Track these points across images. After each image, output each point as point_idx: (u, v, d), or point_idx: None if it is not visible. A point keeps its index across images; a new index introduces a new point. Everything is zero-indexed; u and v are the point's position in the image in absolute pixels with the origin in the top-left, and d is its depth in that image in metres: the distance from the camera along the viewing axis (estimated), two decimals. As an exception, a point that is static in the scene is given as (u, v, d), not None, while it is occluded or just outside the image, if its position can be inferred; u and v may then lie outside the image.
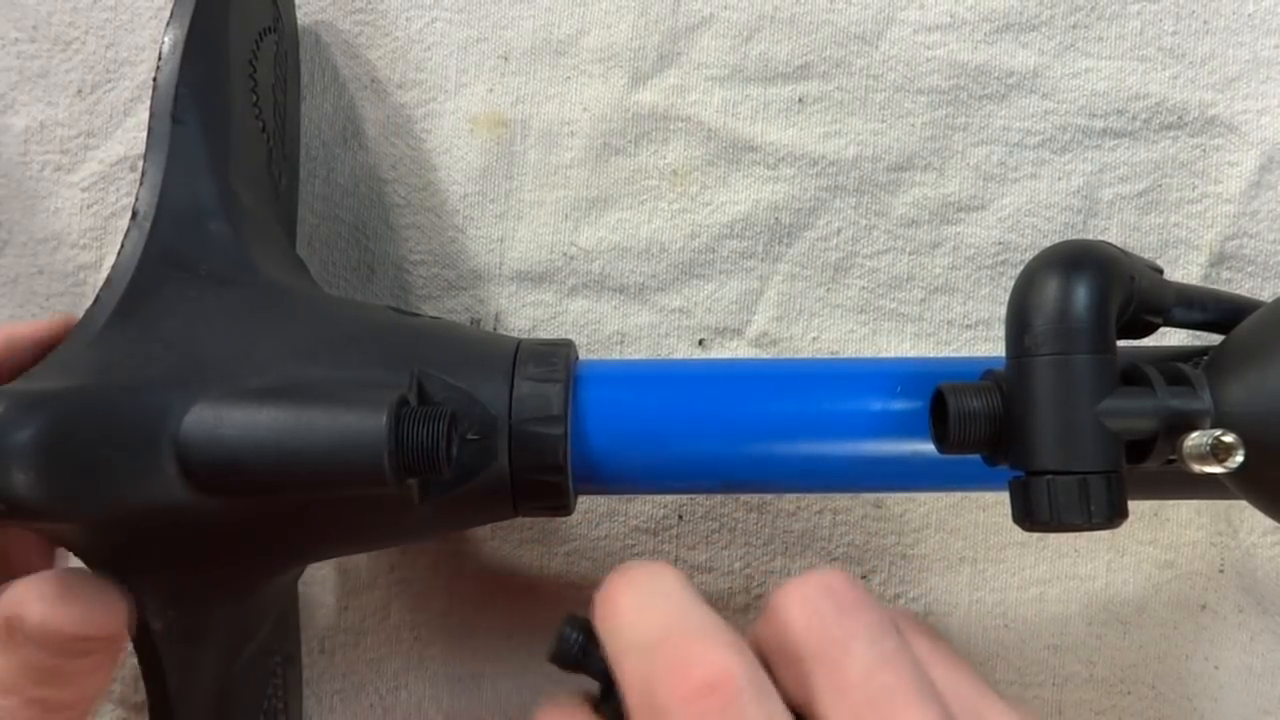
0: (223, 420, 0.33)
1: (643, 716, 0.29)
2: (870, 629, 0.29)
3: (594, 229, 0.51)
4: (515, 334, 0.50)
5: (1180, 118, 0.51)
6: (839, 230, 0.51)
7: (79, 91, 0.50)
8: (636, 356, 0.50)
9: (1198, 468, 0.34)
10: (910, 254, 0.51)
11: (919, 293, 0.51)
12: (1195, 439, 0.34)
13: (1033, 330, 0.35)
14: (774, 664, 0.30)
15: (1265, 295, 0.50)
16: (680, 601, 0.30)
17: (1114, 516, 0.34)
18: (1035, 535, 0.51)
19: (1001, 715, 0.31)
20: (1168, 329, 0.40)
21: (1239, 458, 0.33)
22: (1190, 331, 0.46)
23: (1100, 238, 0.50)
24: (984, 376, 0.38)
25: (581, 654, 0.31)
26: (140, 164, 0.39)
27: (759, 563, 0.50)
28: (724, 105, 0.51)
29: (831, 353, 0.51)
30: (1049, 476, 0.35)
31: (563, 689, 0.32)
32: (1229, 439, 0.33)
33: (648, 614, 0.30)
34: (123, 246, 0.37)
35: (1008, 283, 0.50)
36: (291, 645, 0.45)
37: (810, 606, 0.30)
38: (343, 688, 0.49)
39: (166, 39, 0.39)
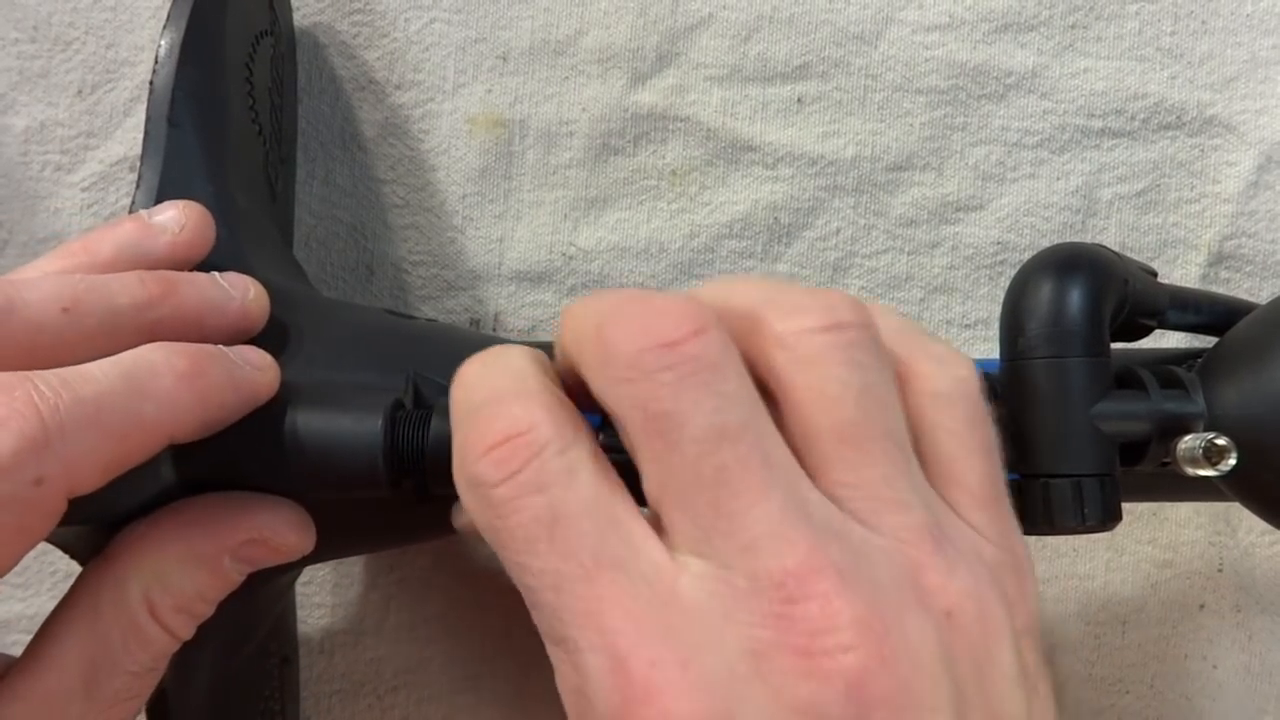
0: None
1: (460, 481, 0.29)
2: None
3: (593, 229, 0.51)
4: (514, 334, 0.50)
5: (1179, 118, 0.51)
6: (838, 230, 0.51)
7: (79, 92, 0.50)
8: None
9: (1191, 471, 0.34)
10: (909, 254, 0.51)
11: (918, 292, 0.51)
12: (1188, 442, 0.34)
13: (1027, 334, 0.35)
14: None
15: (1263, 295, 0.50)
16: (519, 373, 0.30)
17: (1108, 519, 0.34)
18: (1032, 536, 0.51)
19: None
20: (1166, 331, 0.41)
21: (1231, 460, 0.33)
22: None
23: (1099, 238, 0.50)
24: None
25: None
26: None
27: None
28: (723, 105, 0.51)
29: (830, 353, 0.51)
30: (1043, 479, 0.35)
31: None
32: (1221, 442, 0.33)
33: (484, 382, 0.30)
34: (120, 249, 0.38)
35: (1006, 282, 0.50)
36: (289, 646, 0.45)
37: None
38: (342, 688, 0.49)
39: (163, 42, 0.39)
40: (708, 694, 0.25)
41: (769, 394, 0.28)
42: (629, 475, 0.28)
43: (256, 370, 0.34)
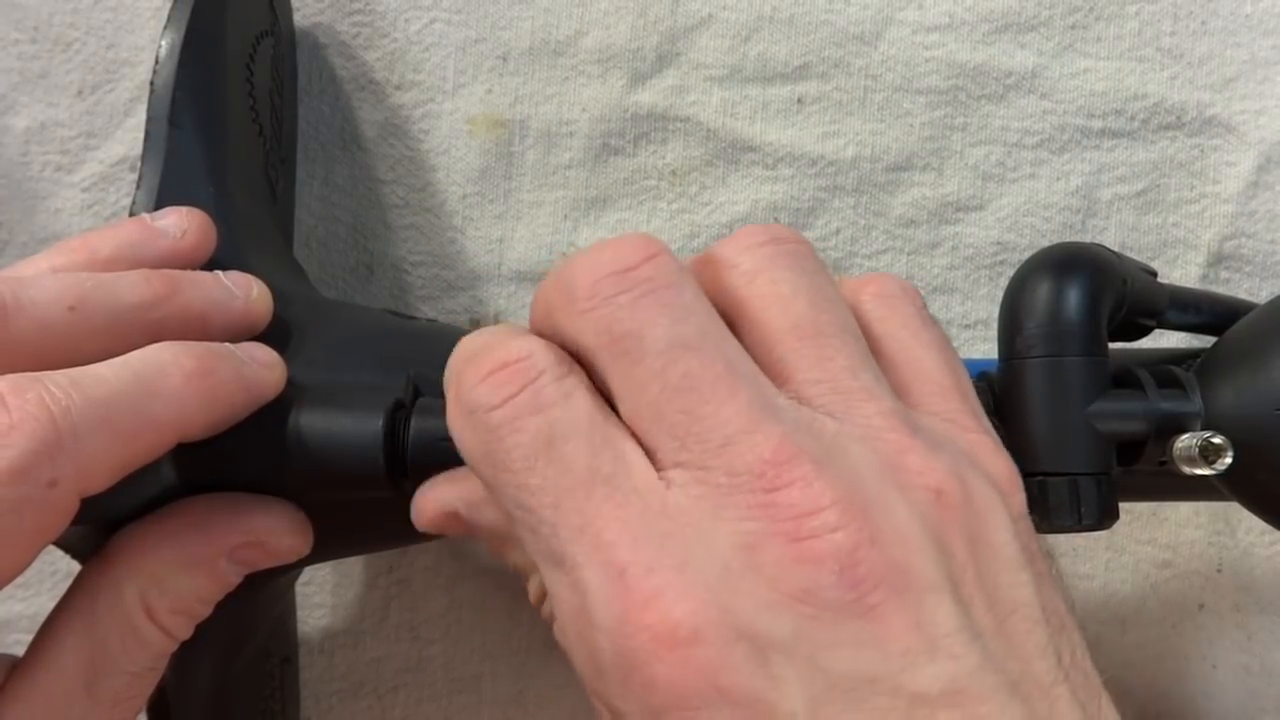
0: None
1: (456, 419, 0.29)
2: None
3: (593, 229, 0.51)
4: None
5: (1178, 118, 0.51)
6: (838, 230, 0.51)
7: (79, 92, 0.50)
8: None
9: (1187, 470, 0.34)
10: (909, 254, 0.51)
11: (918, 292, 0.51)
12: (1184, 441, 0.34)
13: (1024, 332, 0.35)
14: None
15: (1263, 295, 0.50)
16: (509, 329, 0.31)
17: (1104, 518, 0.34)
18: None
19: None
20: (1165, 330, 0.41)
21: (1227, 459, 0.33)
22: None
23: (1098, 238, 0.50)
24: (977, 379, 0.38)
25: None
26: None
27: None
28: (723, 105, 0.51)
29: (829, 353, 0.51)
30: (1040, 478, 0.35)
31: None
32: (1217, 440, 0.33)
33: (478, 339, 0.30)
34: (120, 250, 0.38)
35: (1006, 283, 0.50)
36: (289, 647, 0.45)
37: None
38: (342, 688, 0.49)
39: (163, 43, 0.39)
40: (705, 592, 0.25)
41: (730, 322, 0.29)
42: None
43: (264, 368, 0.34)
